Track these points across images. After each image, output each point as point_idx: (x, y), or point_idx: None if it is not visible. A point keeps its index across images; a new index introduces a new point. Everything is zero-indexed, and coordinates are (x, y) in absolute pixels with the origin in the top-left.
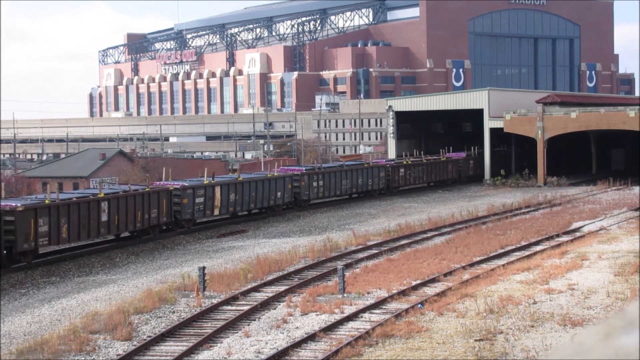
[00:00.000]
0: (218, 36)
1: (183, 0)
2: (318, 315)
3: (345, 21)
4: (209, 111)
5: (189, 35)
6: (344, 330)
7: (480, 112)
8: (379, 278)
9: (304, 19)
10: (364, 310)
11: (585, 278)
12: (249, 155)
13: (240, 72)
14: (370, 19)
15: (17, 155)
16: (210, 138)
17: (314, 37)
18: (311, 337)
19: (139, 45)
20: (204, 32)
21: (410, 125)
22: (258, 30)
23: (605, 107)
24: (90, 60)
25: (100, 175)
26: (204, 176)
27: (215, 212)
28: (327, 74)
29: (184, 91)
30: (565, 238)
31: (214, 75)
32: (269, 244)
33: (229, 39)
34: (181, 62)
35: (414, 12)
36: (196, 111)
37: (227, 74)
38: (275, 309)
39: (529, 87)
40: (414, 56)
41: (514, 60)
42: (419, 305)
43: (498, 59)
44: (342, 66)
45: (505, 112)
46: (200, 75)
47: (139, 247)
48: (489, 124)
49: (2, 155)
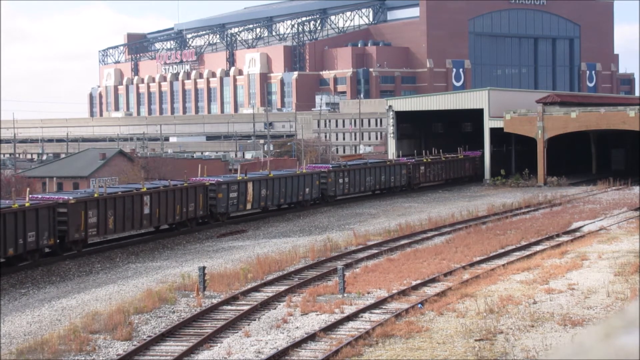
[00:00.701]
0: (218, 36)
1: (183, 0)
2: (318, 315)
3: (345, 21)
4: (209, 111)
5: (189, 35)
6: (344, 330)
7: (480, 112)
8: (379, 278)
9: (304, 19)
10: (364, 310)
11: (585, 278)
12: (249, 155)
13: (240, 72)
14: (370, 19)
15: (17, 155)
16: (210, 138)
17: (314, 37)
18: (311, 337)
19: (139, 45)
20: (204, 32)
21: (410, 125)
22: (258, 30)
23: (605, 107)
24: (90, 60)
25: (100, 175)
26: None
27: (248, 207)
28: (327, 74)
29: (184, 91)
30: (565, 238)
31: (214, 75)
32: (269, 243)
33: (229, 39)
34: (181, 62)
35: (414, 12)
36: (196, 111)
37: (227, 74)
38: (275, 308)
39: (529, 87)
40: (414, 56)
41: (514, 60)
42: (419, 305)
43: (498, 59)
44: (342, 66)
45: (505, 112)
46: (200, 75)
47: (139, 247)
48: (489, 124)
49: (2, 155)
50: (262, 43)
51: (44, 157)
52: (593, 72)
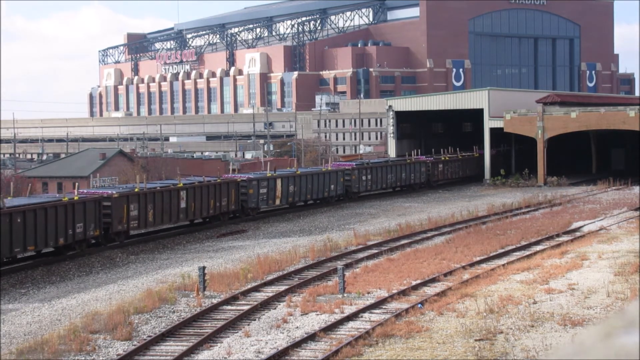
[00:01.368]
0: (218, 36)
1: (183, 0)
2: (318, 315)
3: (345, 21)
4: (209, 111)
5: (189, 35)
6: (344, 330)
7: (480, 112)
8: (379, 278)
9: (304, 18)
10: (364, 310)
11: (585, 278)
12: (249, 155)
13: (240, 72)
14: (370, 19)
15: (17, 155)
16: (210, 138)
17: (314, 37)
18: (311, 337)
19: (139, 45)
20: (204, 32)
21: (410, 125)
22: (258, 30)
23: (605, 107)
24: (90, 60)
25: (100, 175)
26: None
27: (277, 202)
28: (327, 74)
29: (184, 91)
30: (565, 238)
31: (214, 75)
32: (269, 243)
33: (229, 38)
34: (181, 62)
35: (414, 12)
36: (196, 111)
37: (227, 73)
38: (275, 308)
39: (529, 87)
40: (414, 56)
41: (514, 60)
42: (419, 305)
43: (498, 59)
44: (342, 66)
45: (505, 112)
46: (200, 75)
47: (139, 247)
48: (489, 124)
49: (2, 155)
50: (262, 43)
51: (44, 157)
52: (593, 72)
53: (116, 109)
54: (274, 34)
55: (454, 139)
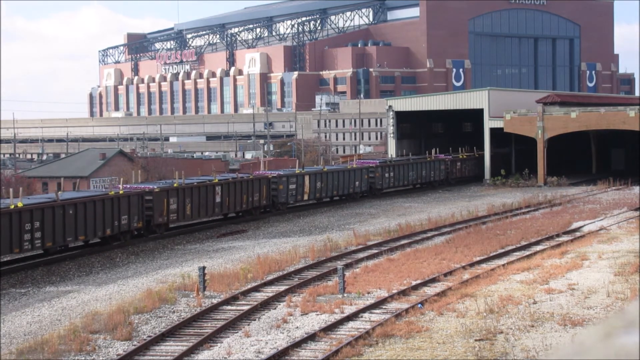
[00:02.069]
0: (218, 36)
1: (183, 0)
2: (318, 315)
3: (345, 21)
4: (209, 111)
5: (189, 35)
6: (344, 330)
7: (480, 112)
8: (379, 278)
9: (304, 18)
10: (364, 310)
11: (585, 278)
12: (249, 155)
13: (240, 72)
14: (370, 19)
15: (17, 155)
16: (210, 138)
17: (314, 37)
18: (311, 337)
19: (139, 45)
20: (204, 32)
21: (410, 125)
22: (258, 30)
23: (605, 107)
24: (90, 60)
25: (100, 175)
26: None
27: (305, 197)
28: (327, 74)
29: (184, 91)
30: (565, 238)
31: (214, 75)
32: (269, 243)
33: (229, 38)
34: (181, 62)
35: (414, 12)
36: (196, 111)
37: (227, 73)
38: (275, 308)
39: (529, 87)
40: (414, 56)
41: (514, 60)
42: (419, 305)
43: (498, 59)
44: (342, 66)
45: (505, 112)
46: (200, 75)
47: (139, 247)
48: (489, 124)
49: (2, 155)
50: (262, 43)
51: (44, 157)
52: (593, 72)
53: (116, 109)
54: (274, 34)
55: (454, 139)
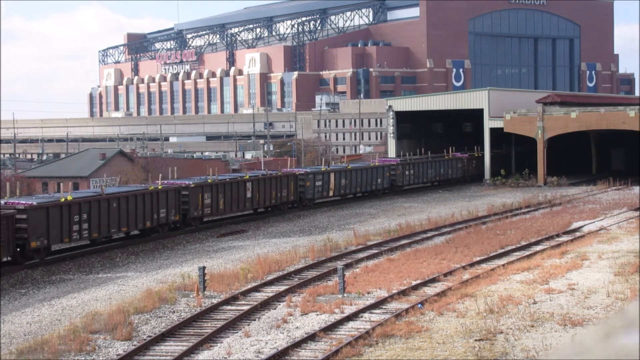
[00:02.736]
0: (218, 36)
1: (183, 0)
2: (318, 315)
3: (345, 21)
4: (209, 111)
5: (189, 35)
6: (344, 330)
7: (480, 112)
8: (379, 278)
9: (304, 18)
10: (364, 310)
11: (585, 278)
12: (249, 155)
13: (240, 72)
14: (370, 19)
15: (17, 155)
16: (210, 138)
17: (314, 37)
18: (311, 337)
19: (139, 45)
20: (204, 32)
21: (410, 125)
22: (258, 30)
23: (605, 107)
24: (90, 60)
25: (100, 175)
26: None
27: (330, 194)
28: (327, 74)
29: (184, 91)
30: (565, 238)
31: (214, 75)
32: (269, 243)
33: (229, 38)
34: (181, 62)
35: (414, 12)
36: (196, 111)
37: (227, 73)
38: (275, 308)
39: (529, 87)
40: (414, 56)
41: (514, 60)
42: (419, 305)
43: (498, 59)
44: (342, 66)
45: (505, 112)
46: (200, 75)
47: (139, 247)
48: (489, 124)
49: (2, 155)
50: (262, 43)
51: (44, 157)
52: (593, 72)
53: (116, 109)
54: (274, 34)
55: (454, 139)
